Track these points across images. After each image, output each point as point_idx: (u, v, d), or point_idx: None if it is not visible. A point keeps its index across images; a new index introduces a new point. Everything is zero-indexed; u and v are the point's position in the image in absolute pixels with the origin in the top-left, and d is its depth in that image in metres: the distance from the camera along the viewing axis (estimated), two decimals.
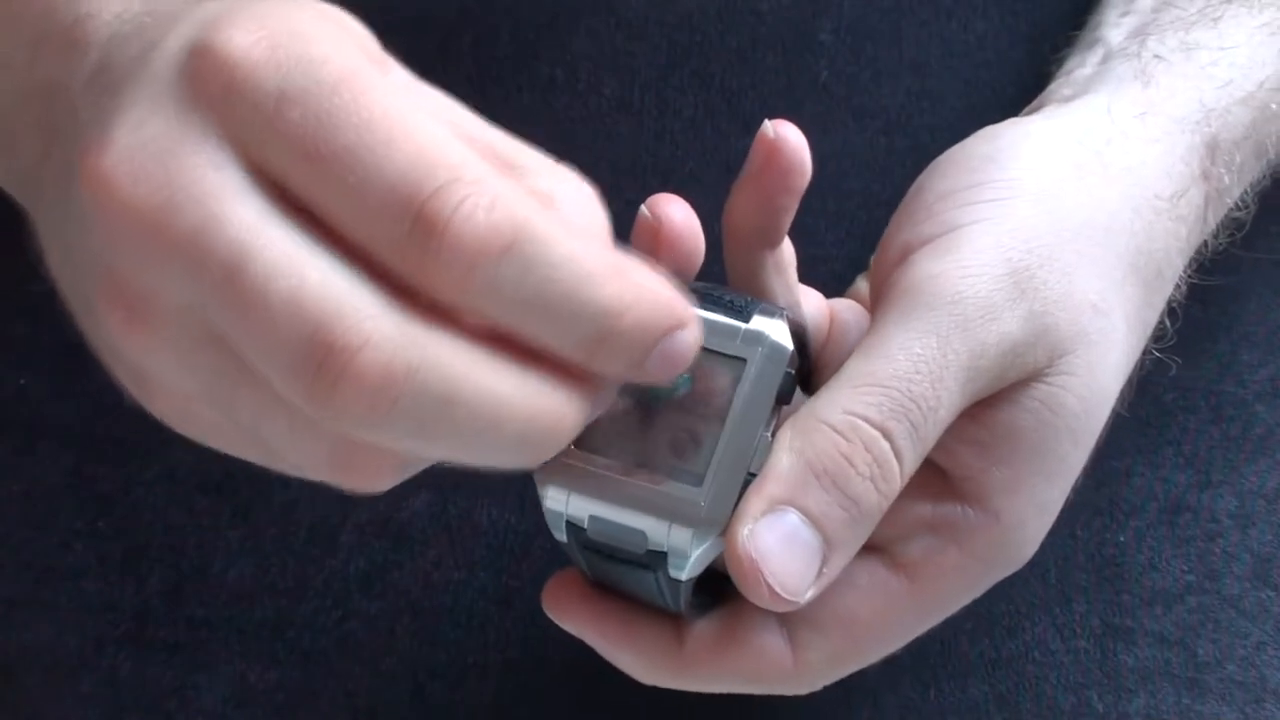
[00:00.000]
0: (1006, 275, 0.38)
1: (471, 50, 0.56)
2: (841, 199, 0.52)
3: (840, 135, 0.54)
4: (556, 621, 0.40)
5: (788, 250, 0.42)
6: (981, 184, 0.40)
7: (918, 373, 0.36)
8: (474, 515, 0.49)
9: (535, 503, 0.49)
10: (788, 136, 0.39)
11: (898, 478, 0.36)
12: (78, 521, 0.49)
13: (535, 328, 0.31)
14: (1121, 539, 0.48)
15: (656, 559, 0.36)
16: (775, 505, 0.36)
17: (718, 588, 0.40)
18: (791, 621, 0.39)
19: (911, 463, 0.37)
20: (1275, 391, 0.50)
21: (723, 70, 0.55)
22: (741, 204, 0.40)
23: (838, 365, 0.40)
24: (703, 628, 0.39)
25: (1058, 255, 0.39)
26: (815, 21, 0.56)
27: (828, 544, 0.36)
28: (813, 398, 0.37)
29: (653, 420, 0.37)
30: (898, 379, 0.36)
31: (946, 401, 0.37)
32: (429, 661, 0.48)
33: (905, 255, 0.39)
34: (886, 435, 0.36)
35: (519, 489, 0.49)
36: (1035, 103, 0.45)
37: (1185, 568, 0.48)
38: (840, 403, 0.36)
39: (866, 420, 0.36)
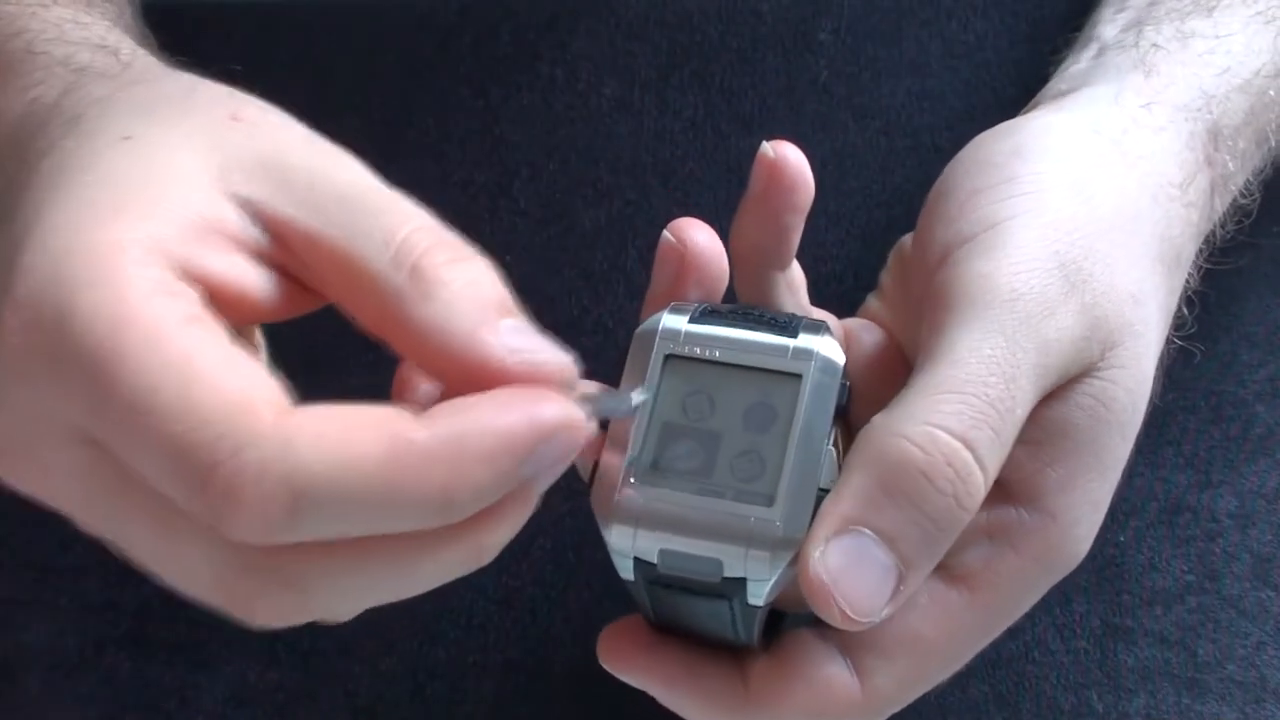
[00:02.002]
0: (1057, 269, 0.37)
1: (471, 50, 0.56)
2: (841, 199, 0.52)
3: (840, 135, 0.54)
4: (614, 673, 0.39)
5: (797, 272, 0.42)
6: (1012, 178, 0.39)
7: (991, 375, 0.35)
8: None
9: (535, 504, 0.49)
10: (788, 156, 0.39)
11: (982, 490, 0.34)
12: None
13: (370, 531, 0.31)
14: (1121, 539, 0.48)
15: (734, 586, 0.35)
16: (848, 525, 0.34)
17: (774, 617, 0.39)
18: (855, 650, 0.38)
19: (994, 472, 0.35)
20: (1275, 391, 0.50)
21: (723, 70, 0.55)
22: (748, 227, 0.40)
23: (861, 386, 0.39)
24: (765, 666, 0.38)
25: (1097, 246, 0.38)
26: (815, 21, 0.56)
27: (904, 563, 0.34)
28: (884, 411, 0.36)
29: (711, 444, 0.36)
30: (973, 383, 0.35)
31: (1022, 401, 0.35)
32: (429, 661, 0.48)
33: (945, 256, 0.38)
34: (969, 445, 0.34)
35: None
36: (1032, 101, 0.45)
37: (1185, 568, 0.48)
38: (916, 414, 0.35)
39: (946, 430, 0.34)
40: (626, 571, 0.36)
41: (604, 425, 0.36)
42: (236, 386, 0.30)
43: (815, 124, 0.54)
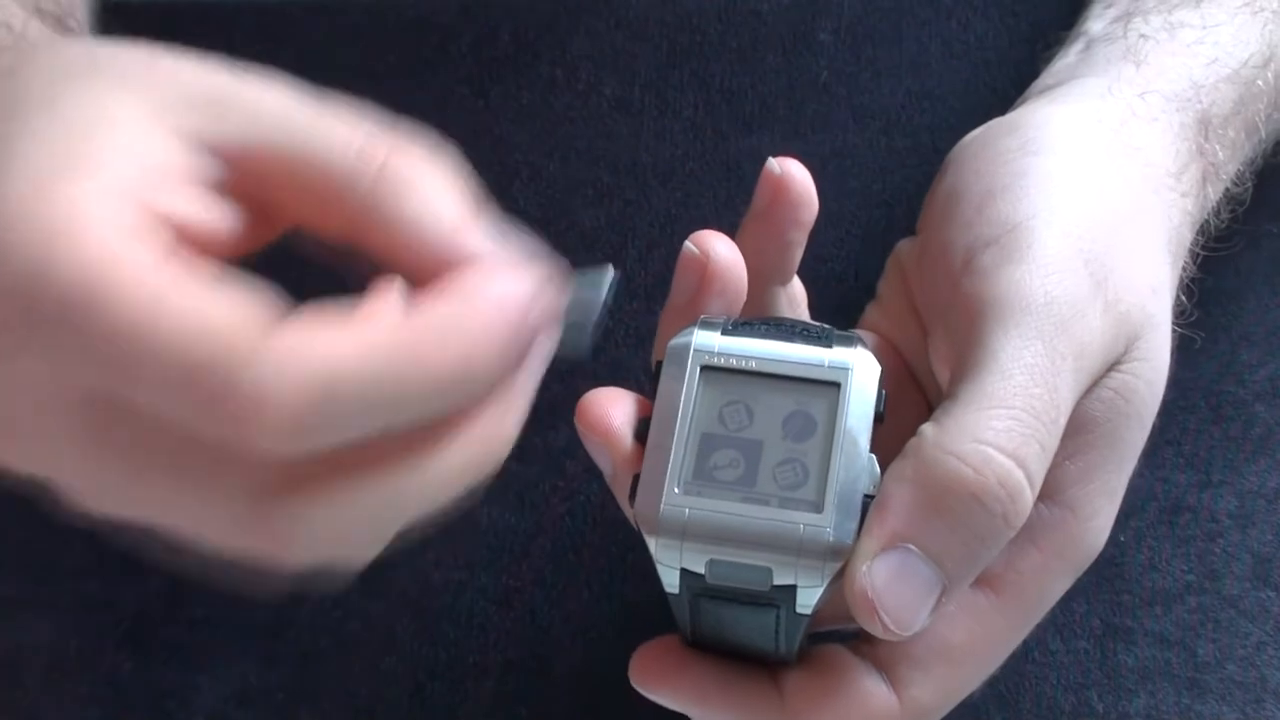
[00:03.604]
0: (1083, 267, 0.37)
1: (472, 50, 0.56)
2: (841, 199, 0.52)
3: (840, 135, 0.54)
4: (647, 693, 0.38)
5: (798, 286, 0.42)
6: (1023, 174, 0.39)
7: (1036, 385, 0.35)
8: (474, 515, 0.49)
9: (535, 503, 0.49)
10: (793, 172, 0.39)
11: (1029, 507, 0.34)
12: (78, 521, 0.49)
13: (396, 426, 0.30)
14: (1121, 539, 0.48)
15: (783, 594, 0.35)
16: (895, 540, 0.34)
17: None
18: (888, 662, 0.37)
19: (1040, 485, 0.35)
20: (1275, 391, 0.50)
21: (723, 70, 0.55)
22: (751, 241, 0.39)
23: None
24: (801, 680, 0.38)
25: (1115, 240, 0.38)
26: (815, 21, 0.56)
27: (948, 578, 0.34)
28: (933, 423, 0.35)
29: (752, 453, 0.36)
30: (1020, 395, 0.35)
31: (1064, 409, 0.35)
32: (429, 661, 0.48)
33: (969, 261, 0.38)
34: (1021, 464, 0.34)
35: (519, 489, 0.49)
36: (1021, 98, 0.45)
37: (1185, 568, 0.48)
38: (966, 430, 0.34)
39: (999, 449, 0.34)
40: (672, 585, 0.36)
41: (640, 439, 0.37)
42: (236, 300, 0.29)
43: (815, 124, 0.54)
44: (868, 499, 0.35)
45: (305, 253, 0.34)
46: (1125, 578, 0.48)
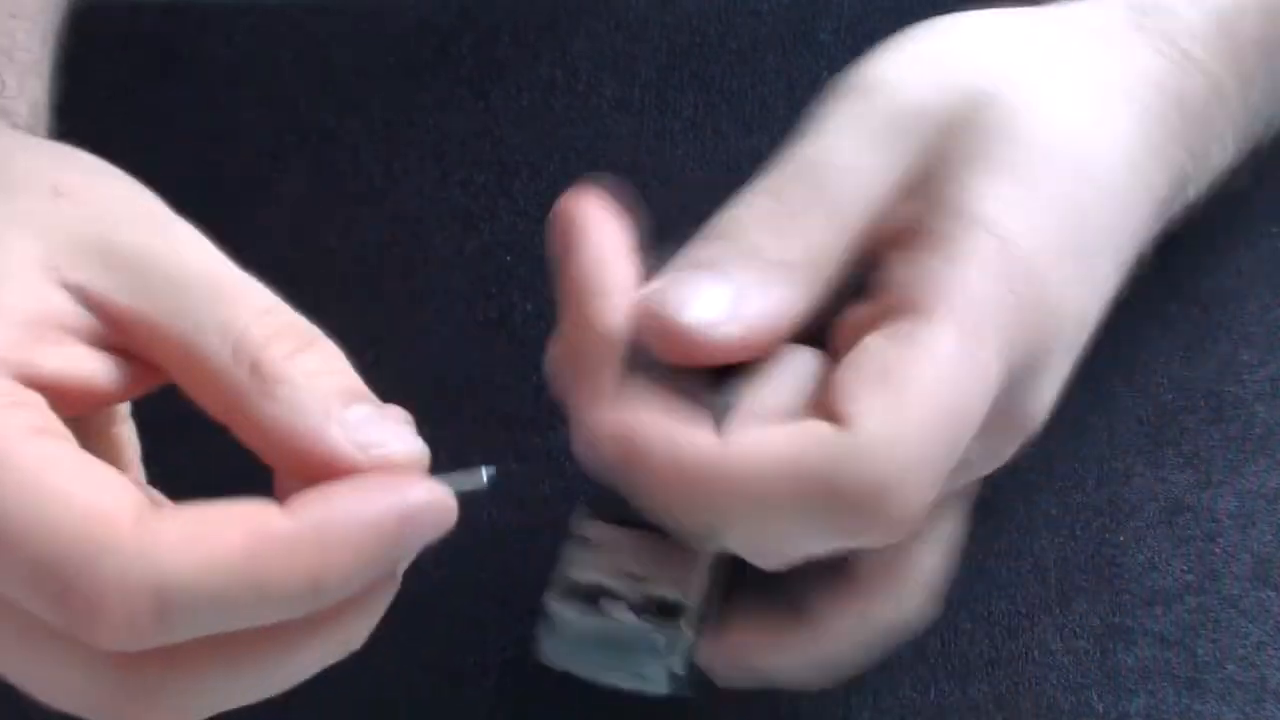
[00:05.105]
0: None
1: (472, 51, 0.56)
2: None
3: None
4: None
5: None
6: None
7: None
8: (474, 515, 0.49)
9: (535, 502, 0.49)
10: None
11: None
12: None
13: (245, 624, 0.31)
14: (1121, 539, 0.48)
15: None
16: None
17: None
18: (827, 403, 0.34)
19: None
20: (1275, 391, 0.50)
21: (723, 70, 0.55)
22: None
23: None
24: (749, 434, 0.34)
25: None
26: (815, 21, 0.56)
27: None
28: None
29: None
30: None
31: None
32: (429, 661, 0.47)
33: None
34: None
35: (519, 489, 0.49)
36: None
37: (1185, 568, 0.48)
38: None
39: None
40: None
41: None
42: (89, 496, 0.30)
43: None
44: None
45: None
46: (1125, 578, 0.48)
